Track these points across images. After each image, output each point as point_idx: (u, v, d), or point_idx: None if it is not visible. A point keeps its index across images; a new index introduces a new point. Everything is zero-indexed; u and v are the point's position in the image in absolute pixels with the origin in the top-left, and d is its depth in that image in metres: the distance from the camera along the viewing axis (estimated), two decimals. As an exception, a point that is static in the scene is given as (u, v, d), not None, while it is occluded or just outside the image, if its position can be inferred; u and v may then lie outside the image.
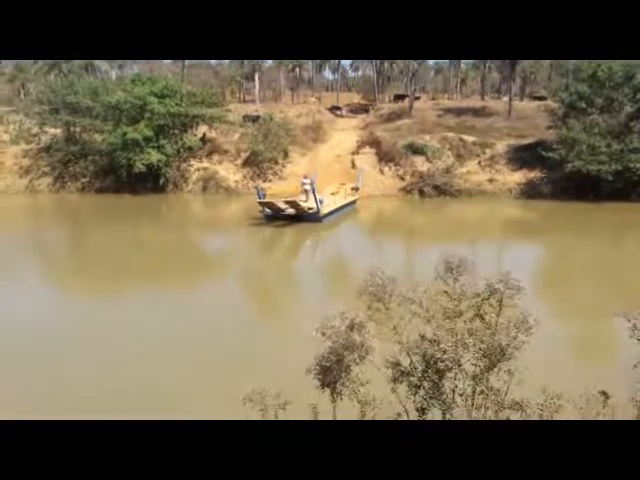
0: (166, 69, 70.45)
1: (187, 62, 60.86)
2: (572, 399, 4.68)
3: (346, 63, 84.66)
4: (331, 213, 24.54)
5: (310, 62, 77.90)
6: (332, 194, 26.25)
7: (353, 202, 27.64)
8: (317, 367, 4.83)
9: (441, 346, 4.60)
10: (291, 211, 23.70)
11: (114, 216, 27.67)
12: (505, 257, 20.45)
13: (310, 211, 23.57)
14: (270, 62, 71.42)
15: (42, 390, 9.05)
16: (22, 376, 9.64)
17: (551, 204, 28.50)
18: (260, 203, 23.98)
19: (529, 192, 30.76)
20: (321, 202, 23.48)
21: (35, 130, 35.72)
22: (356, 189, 28.53)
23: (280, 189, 27.85)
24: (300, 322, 7.10)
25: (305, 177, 26.30)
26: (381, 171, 33.57)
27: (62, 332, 11.92)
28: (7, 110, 40.47)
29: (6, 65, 65.00)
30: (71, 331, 12.02)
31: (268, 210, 24.02)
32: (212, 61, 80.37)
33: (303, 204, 23.61)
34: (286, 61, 68.52)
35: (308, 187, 24.78)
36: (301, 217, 23.65)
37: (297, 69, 76.77)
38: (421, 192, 31.29)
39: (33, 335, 11.63)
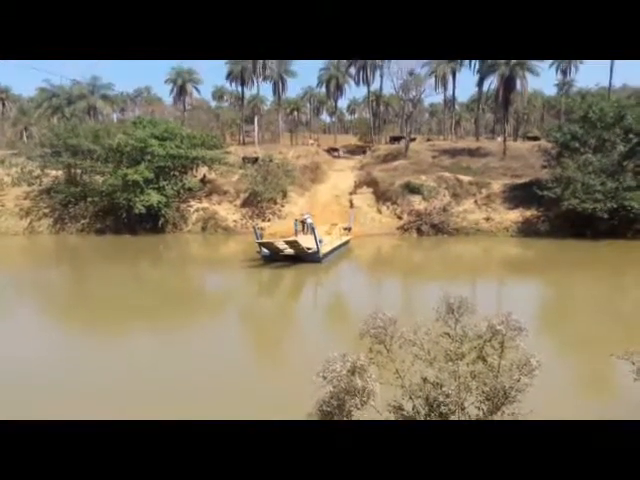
0: (167, 112, 72.03)
1: (188, 105, 62.39)
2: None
3: (343, 106, 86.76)
4: (329, 253, 24.56)
5: (308, 105, 79.98)
6: (327, 233, 26.41)
7: (347, 242, 27.96)
8: (318, 412, 4.76)
9: (444, 389, 4.55)
10: (290, 251, 23.58)
11: (114, 257, 27.67)
12: (505, 296, 20.38)
13: (309, 251, 23.49)
14: (269, 105, 73.28)
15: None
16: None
17: (548, 242, 28.65)
18: (259, 244, 23.93)
19: (526, 230, 31.01)
20: (321, 242, 23.43)
21: (37, 172, 36.21)
22: (349, 229, 28.91)
23: (278, 229, 28.32)
24: (302, 366, 7.02)
25: (307, 213, 28.65)
26: (379, 210, 33.95)
27: (55, 374, 11.73)
28: (10, 153, 41.12)
29: (10, 109, 66.56)
30: (63, 372, 11.82)
31: (266, 250, 23.95)
32: (212, 104, 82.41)
33: (303, 244, 23.55)
34: (285, 104, 70.22)
35: (310, 220, 25.92)
36: (300, 257, 23.56)
37: (295, 112, 78.65)
38: (419, 230, 31.55)
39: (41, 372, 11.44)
